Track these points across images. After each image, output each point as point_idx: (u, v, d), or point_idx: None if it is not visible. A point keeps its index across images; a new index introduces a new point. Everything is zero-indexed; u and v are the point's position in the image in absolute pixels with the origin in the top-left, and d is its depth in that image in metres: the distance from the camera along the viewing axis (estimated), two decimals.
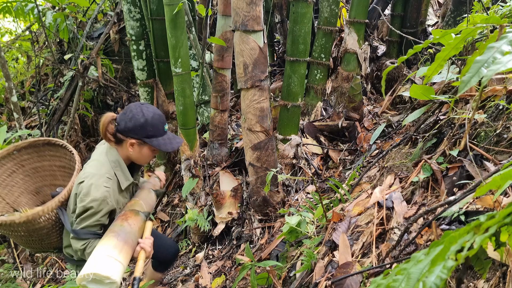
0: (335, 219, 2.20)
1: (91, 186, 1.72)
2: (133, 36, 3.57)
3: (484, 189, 0.86)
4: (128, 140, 1.81)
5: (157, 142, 1.82)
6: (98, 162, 1.83)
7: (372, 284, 0.77)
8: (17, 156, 2.11)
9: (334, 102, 3.99)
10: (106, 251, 1.63)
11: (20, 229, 1.82)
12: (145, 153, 1.86)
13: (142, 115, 1.78)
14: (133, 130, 1.78)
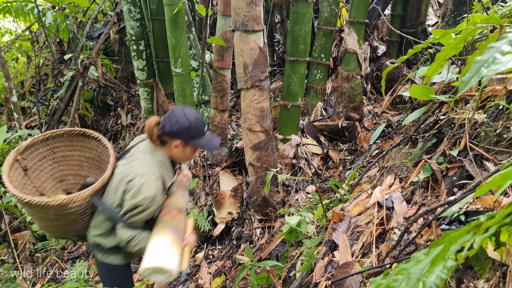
0: (335, 219, 2.20)
1: (143, 185, 1.84)
2: (133, 36, 3.57)
3: (484, 189, 0.86)
4: (173, 142, 1.94)
5: (199, 142, 1.98)
6: (146, 161, 1.93)
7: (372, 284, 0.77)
8: (51, 142, 2.17)
9: (334, 102, 3.99)
10: (167, 246, 1.79)
11: (50, 212, 1.87)
12: (187, 153, 2.01)
13: (186, 119, 1.92)
14: (179, 133, 1.92)
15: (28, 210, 1.93)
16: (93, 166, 2.29)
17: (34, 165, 2.12)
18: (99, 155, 2.27)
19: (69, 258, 3.88)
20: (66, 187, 2.27)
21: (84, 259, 3.78)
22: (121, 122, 5.63)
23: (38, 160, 2.15)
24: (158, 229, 1.87)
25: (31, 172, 2.10)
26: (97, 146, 2.24)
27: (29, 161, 2.10)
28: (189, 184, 2.29)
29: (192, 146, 1.99)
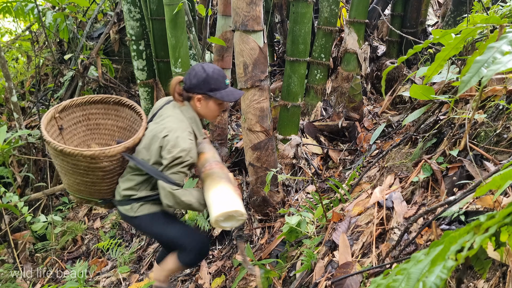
0: (335, 219, 2.20)
1: (178, 138, 1.89)
2: (133, 36, 3.57)
3: (484, 189, 0.86)
4: (194, 96, 1.98)
5: (220, 94, 1.99)
6: (177, 118, 1.98)
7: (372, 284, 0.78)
8: (87, 107, 2.21)
9: (334, 102, 3.99)
10: (232, 192, 1.90)
11: (82, 164, 1.90)
12: (211, 107, 2.03)
13: (203, 71, 1.96)
14: (198, 86, 1.96)
15: (59, 161, 1.95)
16: (124, 136, 2.33)
17: (69, 127, 2.16)
18: (131, 125, 2.30)
19: (69, 258, 3.88)
20: None
21: (84, 259, 3.78)
22: None
23: (73, 123, 2.19)
24: (214, 180, 1.94)
25: (65, 133, 2.14)
26: (131, 115, 2.28)
27: (65, 122, 2.13)
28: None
29: (214, 100, 2.01)
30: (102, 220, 4.28)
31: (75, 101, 2.15)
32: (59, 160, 1.96)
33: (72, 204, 4.61)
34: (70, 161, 1.91)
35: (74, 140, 2.19)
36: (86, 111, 2.22)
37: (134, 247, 3.65)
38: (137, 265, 3.42)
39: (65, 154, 1.87)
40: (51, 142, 1.88)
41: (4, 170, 4.27)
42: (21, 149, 4.31)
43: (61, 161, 1.94)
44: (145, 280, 3.06)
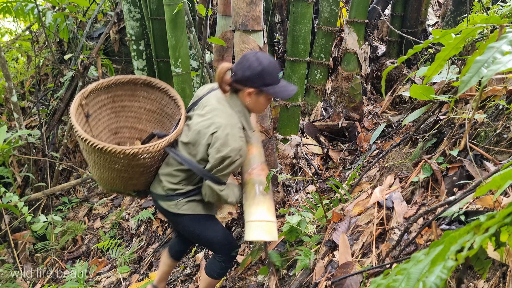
0: (335, 219, 2.20)
1: (228, 136, 1.75)
2: (133, 36, 3.57)
3: (484, 189, 0.86)
4: (246, 89, 1.81)
5: (273, 90, 1.81)
6: (225, 112, 1.83)
7: (372, 284, 0.78)
8: (113, 89, 2.05)
9: (334, 102, 3.99)
10: (269, 218, 1.90)
11: (121, 161, 1.78)
12: (261, 102, 1.87)
13: (259, 64, 1.76)
14: (251, 79, 1.78)
15: (94, 158, 1.81)
16: (153, 119, 2.17)
17: (94, 113, 2.01)
18: (162, 108, 2.14)
19: (69, 258, 3.88)
20: (119, 141, 2.16)
21: (84, 259, 3.79)
22: None
23: (98, 107, 2.04)
24: (255, 198, 1.90)
25: (91, 119, 1.99)
26: (162, 97, 2.12)
27: (90, 108, 1.97)
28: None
29: (266, 95, 1.84)
30: (102, 220, 4.28)
31: (101, 84, 1.98)
32: (94, 157, 1.80)
33: (72, 204, 4.61)
34: (108, 158, 1.76)
35: (99, 125, 2.04)
36: (112, 93, 2.05)
37: (134, 247, 3.65)
38: (137, 265, 3.42)
39: (104, 152, 1.72)
40: (88, 140, 1.71)
41: (4, 170, 4.27)
42: (21, 149, 4.31)
43: (96, 157, 1.79)
44: (145, 280, 3.06)
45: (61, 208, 4.53)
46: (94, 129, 2.01)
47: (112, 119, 2.11)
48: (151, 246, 3.63)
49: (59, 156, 4.52)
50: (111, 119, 2.11)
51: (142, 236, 3.81)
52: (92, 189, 4.94)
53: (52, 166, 4.50)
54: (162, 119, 2.13)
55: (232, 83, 1.83)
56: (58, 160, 4.45)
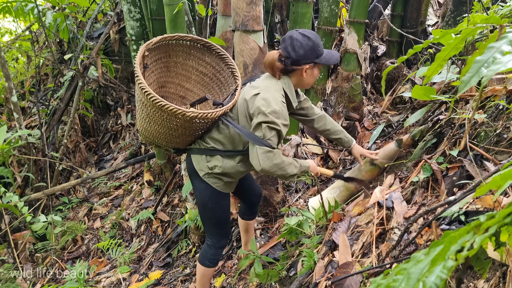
0: (335, 219, 2.20)
1: (269, 99, 1.79)
2: (133, 36, 3.57)
3: (484, 189, 0.86)
4: (302, 67, 1.85)
5: (324, 59, 1.88)
6: (270, 78, 1.90)
7: (372, 284, 0.77)
8: (172, 45, 2.08)
9: (334, 102, 3.99)
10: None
11: (176, 121, 1.81)
12: (315, 73, 1.92)
13: (308, 39, 1.82)
14: (306, 56, 1.83)
15: (149, 111, 1.83)
16: (202, 81, 2.18)
17: (150, 64, 2.04)
18: (215, 73, 2.16)
19: (69, 258, 3.88)
20: (163, 94, 2.17)
21: (84, 259, 3.79)
22: (121, 122, 5.64)
23: (155, 60, 2.07)
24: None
25: (147, 71, 2.01)
26: (217, 63, 2.13)
27: (149, 59, 2.01)
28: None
29: (319, 65, 1.91)
30: (102, 220, 4.29)
31: (164, 38, 2.01)
32: (149, 111, 1.81)
33: (72, 204, 4.62)
34: (165, 116, 1.78)
35: (150, 78, 2.05)
36: (169, 48, 2.08)
37: (134, 247, 3.65)
38: (137, 265, 3.42)
39: (163, 109, 1.73)
40: (151, 95, 1.71)
41: (4, 170, 4.28)
42: (21, 149, 4.31)
43: (152, 112, 1.80)
44: (145, 280, 3.07)
45: (61, 208, 4.53)
46: (146, 80, 2.00)
47: (163, 72, 2.13)
48: (151, 246, 3.63)
49: (59, 156, 4.52)
50: (162, 72, 2.13)
51: (142, 236, 3.81)
52: (92, 189, 4.94)
53: (52, 166, 4.51)
54: (211, 84, 2.14)
55: (287, 66, 1.86)
56: (58, 160, 4.45)
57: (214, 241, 2.21)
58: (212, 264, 2.25)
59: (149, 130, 1.97)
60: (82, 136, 5.45)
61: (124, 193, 4.63)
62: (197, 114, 1.79)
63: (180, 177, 3.76)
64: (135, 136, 5.41)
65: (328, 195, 2.52)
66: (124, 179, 4.84)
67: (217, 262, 2.28)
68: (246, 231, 2.65)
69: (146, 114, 1.89)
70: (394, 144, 2.42)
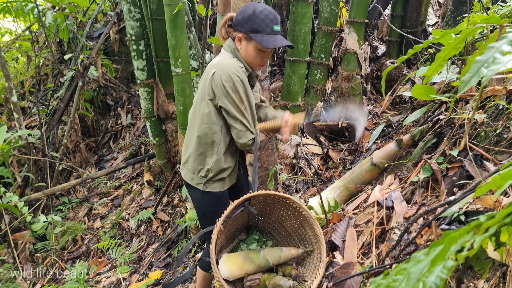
0: (335, 220, 2.20)
1: (228, 69, 1.70)
2: (133, 36, 3.57)
3: (484, 189, 0.86)
4: (236, 34, 1.76)
5: (260, 38, 1.71)
6: (221, 55, 1.82)
7: (372, 284, 0.77)
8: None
9: (334, 102, 3.99)
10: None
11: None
12: (250, 52, 1.76)
13: (251, 8, 1.72)
14: (241, 23, 1.73)
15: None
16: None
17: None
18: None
19: (69, 258, 3.88)
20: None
21: (84, 259, 3.79)
22: (121, 122, 5.64)
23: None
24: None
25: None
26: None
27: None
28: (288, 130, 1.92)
29: (254, 44, 1.73)
30: (102, 220, 4.29)
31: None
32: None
33: (72, 204, 4.61)
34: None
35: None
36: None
37: (134, 247, 3.65)
38: (137, 265, 3.42)
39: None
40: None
41: (4, 170, 4.28)
42: (21, 149, 4.31)
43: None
44: (145, 280, 3.06)
45: (61, 208, 4.53)
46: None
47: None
48: (151, 246, 3.63)
49: (59, 156, 4.52)
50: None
51: (142, 236, 3.81)
52: (92, 189, 4.94)
53: (52, 166, 4.51)
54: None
55: (227, 27, 1.81)
56: (58, 160, 4.45)
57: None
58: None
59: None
60: (82, 136, 5.44)
61: (124, 193, 4.63)
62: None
63: (180, 177, 3.76)
64: (135, 136, 5.41)
65: (328, 195, 2.52)
66: (124, 179, 4.84)
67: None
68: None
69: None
70: (394, 144, 2.41)
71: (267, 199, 1.86)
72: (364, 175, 2.48)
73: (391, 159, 2.41)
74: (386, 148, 2.47)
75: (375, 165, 2.45)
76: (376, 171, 2.47)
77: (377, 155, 2.49)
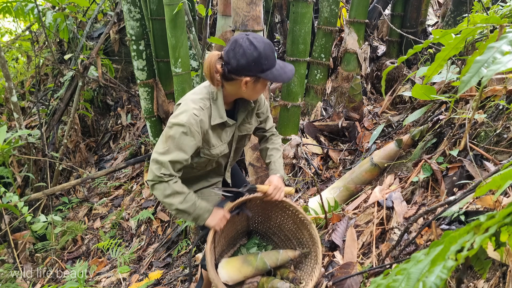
0: (335, 220, 2.20)
1: (182, 110, 1.61)
2: (133, 36, 3.57)
3: (484, 189, 0.86)
4: (242, 78, 1.60)
5: (272, 75, 1.63)
6: (196, 90, 1.71)
7: (372, 284, 0.77)
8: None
9: (334, 102, 3.99)
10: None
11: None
12: (258, 89, 1.68)
13: (254, 48, 1.56)
14: (247, 68, 1.58)
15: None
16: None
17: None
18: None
19: (69, 258, 3.88)
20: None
21: (84, 259, 3.79)
22: (121, 122, 5.64)
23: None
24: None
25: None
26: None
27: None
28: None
29: (263, 81, 1.65)
30: (102, 220, 4.28)
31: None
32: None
33: (72, 204, 4.61)
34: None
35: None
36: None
37: (134, 247, 3.65)
38: (137, 265, 3.42)
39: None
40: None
41: (4, 170, 4.28)
42: (21, 149, 4.31)
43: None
44: (145, 280, 3.07)
45: (61, 208, 4.53)
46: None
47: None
48: (151, 246, 3.63)
49: (59, 156, 4.52)
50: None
51: (142, 236, 3.81)
52: (92, 189, 4.94)
53: (52, 166, 4.50)
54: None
55: (225, 73, 1.61)
56: (58, 160, 4.45)
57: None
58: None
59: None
60: (82, 136, 5.44)
61: (124, 193, 4.63)
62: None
63: None
64: (135, 136, 5.42)
65: (328, 195, 2.52)
66: (124, 179, 4.84)
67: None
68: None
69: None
70: (394, 144, 2.41)
71: (264, 203, 1.85)
72: (364, 175, 2.48)
73: (391, 159, 2.41)
74: (386, 148, 2.47)
75: (375, 165, 2.45)
76: (376, 171, 2.47)
77: (377, 155, 2.49)
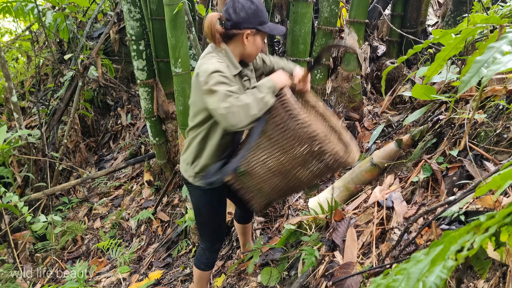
0: (337, 218, 2.20)
1: (205, 65, 1.66)
2: (133, 36, 3.57)
3: (484, 189, 0.86)
4: (243, 32, 1.71)
5: (269, 28, 1.75)
6: (204, 58, 1.76)
7: (372, 284, 0.78)
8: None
9: (334, 102, 3.99)
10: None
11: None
12: (258, 43, 1.78)
13: (251, 2, 1.69)
14: (247, 20, 1.69)
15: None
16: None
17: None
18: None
19: (69, 258, 3.88)
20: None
21: (84, 259, 3.79)
22: (121, 122, 5.64)
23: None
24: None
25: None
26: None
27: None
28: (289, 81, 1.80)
29: (262, 34, 1.76)
30: (102, 220, 4.29)
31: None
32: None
33: (72, 204, 4.62)
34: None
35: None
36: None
37: (134, 247, 3.65)
38: (137, 265, 3.42)
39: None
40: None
41: (4, 170, 4.28)
42: (21, 149, 4.31)
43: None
44: (145, 280, 3.07)
45: (61, 208, 4.53)
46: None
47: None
48: (151, 246, 3.63)
49: (59, 156, 4.52)
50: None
51: (142, 236, 3.81)
52: (92, 189, 4.94)
53: (52, 166, 4.51)
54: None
55: (227, 30, 1.72)
56: (58, 160, 4.45)
57: (208, 246, 2.18)
58: (208, 268, 2.23)
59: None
60: (82, 136, 5.44)
61: (124, 193, 4.63)
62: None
63: (180, 177, 3.76)
64: (135, 136, 5.42)
65: (328, 195, 2.52)
66: (124, 179, 4.84)
67: (213, 265, 2.26)
68: (244, 233, 2.64)
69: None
70: (394, 144, 2.42)
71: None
72: (364, 175, 2.48)
73: (391, 159, 2.41)
74: (386, 148, 2.47)
75: (375, 165, 2.45)
76: (376, 171, 2.47)
77: (377, 155, 2.49)
